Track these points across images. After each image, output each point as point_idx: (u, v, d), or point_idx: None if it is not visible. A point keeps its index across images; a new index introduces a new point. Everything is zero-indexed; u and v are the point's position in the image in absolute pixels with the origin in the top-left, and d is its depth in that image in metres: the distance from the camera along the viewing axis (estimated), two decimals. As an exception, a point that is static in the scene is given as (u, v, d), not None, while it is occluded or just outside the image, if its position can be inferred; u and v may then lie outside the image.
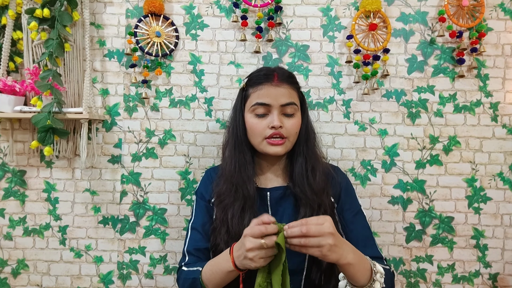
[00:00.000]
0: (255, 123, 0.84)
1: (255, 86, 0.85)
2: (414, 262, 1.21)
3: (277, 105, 0.82)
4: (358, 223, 0.88)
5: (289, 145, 0.85)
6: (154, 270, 1.21)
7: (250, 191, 0.83)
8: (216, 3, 1.21)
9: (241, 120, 0.88)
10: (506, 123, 1.20)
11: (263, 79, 0.85)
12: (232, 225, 0.81)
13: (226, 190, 0.85)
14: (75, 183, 1.21)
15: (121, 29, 1.21)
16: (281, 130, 0.82)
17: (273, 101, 0.82)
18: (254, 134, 0.85)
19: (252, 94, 0.85)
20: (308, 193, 0.83)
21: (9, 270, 1.21)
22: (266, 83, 0.84)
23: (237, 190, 0.84)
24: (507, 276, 1.20)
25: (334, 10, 1.21)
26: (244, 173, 0.85)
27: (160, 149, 1.21)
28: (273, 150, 0.83)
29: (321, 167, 0.88)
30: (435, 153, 1.21)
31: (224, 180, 0.87)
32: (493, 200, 1.20)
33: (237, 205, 0.83)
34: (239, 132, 0.87)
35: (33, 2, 1.10)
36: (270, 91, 0.83)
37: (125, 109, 1.21)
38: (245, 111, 0.87)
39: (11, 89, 1.10)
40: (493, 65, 1.20)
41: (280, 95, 0.83)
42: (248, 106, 0.86)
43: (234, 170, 0.85)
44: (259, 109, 0.83)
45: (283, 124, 0.82)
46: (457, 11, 1.17)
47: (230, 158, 0.87)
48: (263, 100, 0.83)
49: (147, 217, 1.21)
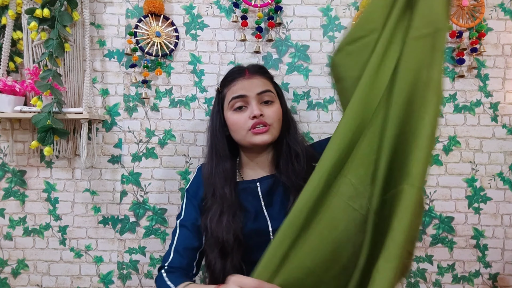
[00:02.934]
0: (236, 118, 0.83)
1: (228, 84, 0.86)
2: (414, 262, 1.21)
3: (253, 95, 0.82)
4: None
5: (274, 132, 0.84)
6: (154, 270, 1.21)
7: (227, 193, 0.83)
8: (216, 3, 1.21)
9: (219, 122, 0.88)
10: (506, 123, 1.20)
11: (236, 75, 0.86)
12: (212, 229, 0.81)
13: (207, 194, 0.85)
14: (75, 183, 1.21)
15: (121, 29, 1.21)
16: (263, 118, 0.82)
17: (247, 92, 0.83)
18: (237, 129, 0.84)
19: (227, 93, 0.86)
20: (293, 180, 0.83)
21: (9, 270, 1.21)
22: (239, 78, 0.85)
23: (214, 193, 0.84)
24: (507, 276, 1.20)
25: (334, 10, 1.21)
26: (222, 175, 0.85)
27: (160, 149, 1.21)
28: (260, 138, 0.82)
29: (304, 152, 0.87)
30: (435, 153, 1.21)
31: (204, 183, 0.88)
32: (493, 200, 1.20)
33: (215, 208, 0.82)
34: (217, 135, 0.87)
35: (33, 2, 1.10)
36: (244, 84, 0.84)
37: (125, 109, 1.21)
38: (225, 111, 0.87)
39: (11, 89, 1.10)
40: (493, 65, 1.20)
41: (254, 86, 0.83)
42: (226, 106, 0.86)
43: (211, 174, 0.86)
44: (237, 103, 0.83)
45: (263, 112, 0.82)
46: (457, 11, 1.17)
47: (207, 163, 0.88)
48: (239, 93, 0.83)
49: (147, 217, 1.21)
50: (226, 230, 0.79)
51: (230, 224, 0.79)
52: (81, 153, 1.12)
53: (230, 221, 0.80)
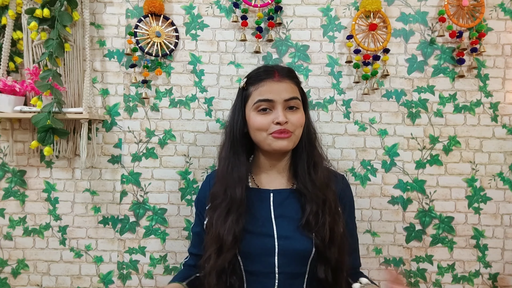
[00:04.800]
0: (259, 120, 0.82)
1: (255, 84, 0.84)
2: (414, 262, 1.21)
3: (281, 100, 0.81)
4: (350, 233, 0.89)
5: (295, 140, 0.83)
6: (154, 270, 1.21)
7: (237, 194, 0.82)
8: (216, 3, 1.21)
9: (241, 120, 0.86)
10: (506, 123, 1.20)
11: (264, 76, 0.83)
12: (215, 227, 0.81)
13: (218, 191, 0.85)
14: (75, 183, 1.21)
15: (121, 29, 1.21)
16: (286, 125, 0.80)
17: (276, 96, 0.81)
18: (259, 131, 0.82)
19: (253, 92, 0.83)
20: (310, 188, 0.82)
21: (9, 270, 1.21)
22: (267, 80, 0.83)
23: (225, 192, 0.83)
24: (507, 276, 1.20)
25: (334, 10, 1.21)
26: (236, 175, 0.84)
27: (160, 149, 1.21)
28: (280, 144, 0.81)
29: (323, 163, 0.87)
30: (435, 153, 1.21)
31: (217, 180, 0.87)
32: (493, 200, 1.20)
33: (223, 207, 0.82)
34: (236, 132, 0.86)
35: (33, 2, 1.10)
36: (272, 87, 0.81)
37: (125, 109, 1.21)
38: (247, 110, 0.86)
39: (11, 89, 1.10)
40: (493, 65, 1.20)
41: (282, 90, 0.81)
42: (250, 105, 0.84)
43: (226, 171, 0.85)
44: (263, 106, 0.82)
45: (288, 119, 0.81)
46: (457, 11, 1.17)
47: (224, 159, 0.87)
48: (266, 96, 0.81)
49: (147, 217, 1.21)
50: (228, 230, 0.79)
51: (232, 225, 0.79)
52: (81, 153, 1.12)
53: (234, 222, 0.80)
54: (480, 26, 1.16)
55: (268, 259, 0.79)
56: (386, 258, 1.21)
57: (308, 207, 0.81)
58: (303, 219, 0.80)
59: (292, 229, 0.81)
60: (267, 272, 0.78)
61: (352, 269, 0.88)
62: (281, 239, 0.80)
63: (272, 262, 0.79)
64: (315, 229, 0.79)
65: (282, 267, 0.78)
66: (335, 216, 0.82)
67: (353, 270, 0.88)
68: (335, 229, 0.80)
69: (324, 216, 0.80)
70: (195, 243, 0.95)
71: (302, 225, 0.80)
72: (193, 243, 0.97)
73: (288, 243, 0.80)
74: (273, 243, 0.80)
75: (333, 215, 0.82)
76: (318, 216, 0.80)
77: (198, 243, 0.92)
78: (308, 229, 0.79)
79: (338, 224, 0.82)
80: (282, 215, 0.84)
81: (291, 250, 0.79)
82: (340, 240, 0.81)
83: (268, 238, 0.80)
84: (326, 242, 0.78)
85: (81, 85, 1.17)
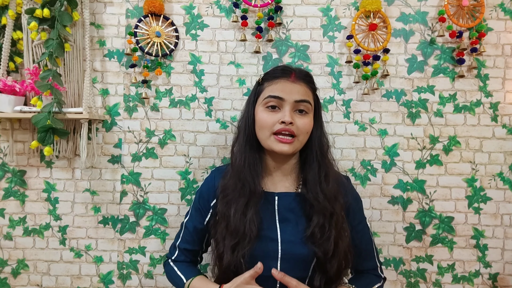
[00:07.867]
0: (265, 116, 0.81)
1: (270, 80, 0.83)
2: (414, 262, 1.21)
3: (291, 101, 0.80)
4: (362, 236, 0.89)
5: (297, 145, 0.82)
6: (154, 270, 1.21)
7: (257, 188, 0.81)
8: (216, 3, 1.21)
9: (252, 115, 0.85)
10: (506, 123, 1.20)
11: (280, 74, 0.83)
12: (233, 221, 0.80)
13: (232, 185, 0.83)
14: (75, 183, 1.21)
15: (121, 29, 1.21)
16: (291, 127, 0.79)
17: (286, 95, 0.80)
18: (262, 128, 0.82)
19: (266, 88, 0.83)
20: (321, 200, 0.80)
21: (9, 270, 1.21)
22: (282, 78, 0.82)
23: (243, 186, 0.81)
24: (507, 276, 1.20)
25: (334, 10, 1.21)
26: (253, 169, 0.83)
27: (160, 149, 1.21)
28: (280, 147, 0.80)
29: (334, 175, 0.86)
30: (435, 153, 1.21)
31: (231, 175, 0.85)
32: (493, 200, 1.20)
33: (242, 201, 0.80)
34: (249, 126, 0.85)
35: (33, 2, 1.10)
36: (286, 86, 0.81)
37: (125, 109, 1.21)
38: (257, 104, 0.85)
39: (11, 89, 1.10)
40: (493, 65, 1.20)
41: (295, 91, 0.81)
42: (260, 100, 0.83)
43: (243, 165, 0.83)
44: (271, 102, 0.81)
45: (294, 121, 0.79)
46: (457, 11, 1.17)
47: (240, 154, 0.85)
48: (277, 93, 0.80)
49: (147, 217, 1.21)
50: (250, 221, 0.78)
51: (253, 218, 0.79)
52: (81, 153, 1.12)
53: (254, 215, 0.79)
54: (480, 26, 1.16)
55: (270, 262, 0.78)
56: (386, 258, 1.21)
57: (315, 218, 0.80)
58: (309, 230, 0.79)
59: (296, 235, 0.81)
60: (269, 276, 0.78)
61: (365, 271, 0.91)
62: (284, 244, 0.80)
63: (275, 266, 0.79)
64: (319, 242, 0.78)
65: (284, 271, 0.78)
66: (341, 231, 0.81)
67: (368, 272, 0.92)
68: (339, 244, 0.79)
69: (331, 229, 0.79)
70: (189, 238, 0.91)
71: (307, 236, 0.79)
72: (185, 238, 0.92)
73: (291, 248, 0.79)
74: (276, 247, 0.79)
75: (339, 230, 0.81)
76: (324, 229, 0.79)
77: (192, 238, 0.90)
78: (312, 241, 0.79)
79: (343, 239, 0.81)
80: (287, 219, 0.83)
81: (294, 255, 0.79)
82: (344, 255, 0.80)
83: (272, 242, 0.80)
84: (328, 256, 0.77)
85: (81, 85, 1.17)
